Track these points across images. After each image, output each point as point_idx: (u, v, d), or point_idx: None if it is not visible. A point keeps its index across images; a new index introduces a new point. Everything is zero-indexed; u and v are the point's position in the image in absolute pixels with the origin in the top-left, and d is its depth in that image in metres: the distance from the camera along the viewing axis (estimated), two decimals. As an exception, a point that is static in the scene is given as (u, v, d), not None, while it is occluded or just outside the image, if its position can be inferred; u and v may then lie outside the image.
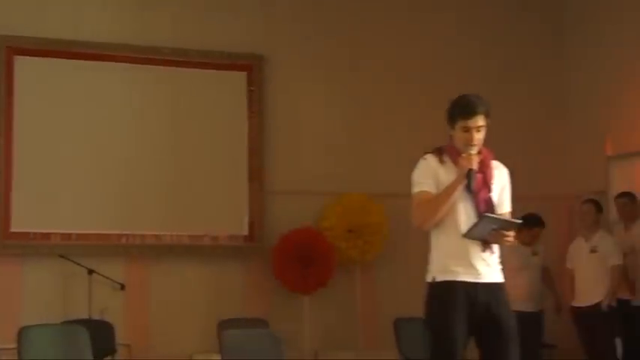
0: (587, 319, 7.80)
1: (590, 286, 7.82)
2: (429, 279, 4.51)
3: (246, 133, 8.57)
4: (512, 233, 4.44)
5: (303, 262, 8.30)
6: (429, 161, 4.52)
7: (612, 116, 8.85)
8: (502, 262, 7.95)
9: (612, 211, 8.24)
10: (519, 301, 8.01)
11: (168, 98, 8.38)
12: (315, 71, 8.82)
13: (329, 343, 8.44)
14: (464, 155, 4.44)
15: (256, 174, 8.54)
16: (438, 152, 4.54)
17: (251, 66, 8.62)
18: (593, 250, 7.89)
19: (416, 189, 4.52)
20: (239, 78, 8.62)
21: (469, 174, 4.40)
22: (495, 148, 8.59)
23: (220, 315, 7.85)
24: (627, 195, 8.14)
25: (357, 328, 8.65)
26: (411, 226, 4.57)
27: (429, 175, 4.48)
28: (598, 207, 8.03)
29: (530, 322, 8.06)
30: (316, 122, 8.78)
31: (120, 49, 8.20)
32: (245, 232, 8.50)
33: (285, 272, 8.31)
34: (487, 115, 4.49)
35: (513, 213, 4.63)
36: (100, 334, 7.03)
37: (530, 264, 8.19)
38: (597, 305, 7.72)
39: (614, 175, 8.78)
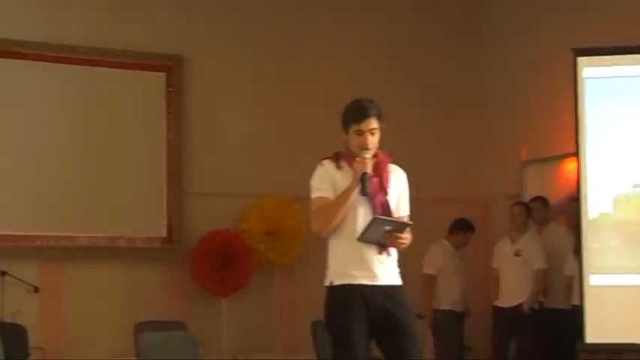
0: (509, 319, 7.97)
1: (513, 287, 8.00)
2: (326, 283, 4.56)
3: (164, 134, 8.50)
4: (406, 235, 4.46)
5: (221, 264, 8.26)
6: (326, 167, 4.56)
7: (528, 122, 9.03)
8: (441, 266, 8.24)
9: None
10: (455, 302, 8.30)
11: (85, 98, 8.25)
12: (235, 72, 8.79)
13: (247, 345, 8.42)
14: (358, 159, 4.46)
15: (175, 175, 8.48)
16: (335, 158, 4.57)
17: (170, 66, 8.55)
18: (517, 254, 8.05)
19: (314, 195, 4.55)
20: (158, 78, 8.54)
21: (363, 177, 4.42)
22: (413, 149, 8.72)
23: (137, 318, 7.77)
24: (540, 199, 8.34)
25: (275, 330, 8.65)
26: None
27: (326, 180, 4.52)
28: (528, 210, 8.21)
29: (461, 321, 8.35)
30: (235, 124, 8.75)
31: (35, 47, 8.04)
32: (163, 234, 8.43)
33: (204, 274, 8.26)
34: (380, 118, 4.52)
35: (433, 215, 4.69)
36: (13, 337, 6.90)
37: (460, 267, 8.43)
38: (519, 306, 7.88)
39: (528, 180, 8.98)
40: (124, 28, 8.38)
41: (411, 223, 4.51)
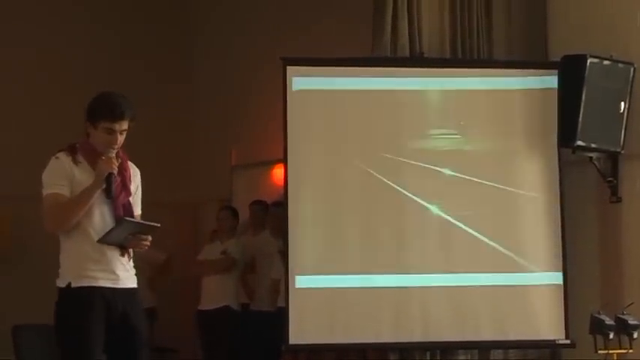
0: (213, 321, 8.05)
1: (219, 290, 8.08)
2: (61, 284, 4.32)
3: None
4: (150, 237, 4.36)
5: None
6: (63, 161, 4.29)
7: (237, 127, 9.20)
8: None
9: (242, 217, 8.54)
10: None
11: None
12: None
13: None
14: (104, 158, 4.25)
15: None
16: (72, 151, 4.32)
17: None
18: (223, 253, 8.17)
19: (48, 190, 4.28)
20: None
21: (109, 179, 4.24)
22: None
23: None
24: (261, 203, 8.52)
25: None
26: (39, 230, 4.39)
27: (63, 176, 4.26)
28: (234, 213, 8.39)
29: None
30: None
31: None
32: None
33: None
34: (133, 119, 4.33)
35: (145, 218, 4.61)
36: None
37: None
38: (224, 308, 8.01)
39: (238, 184, 9.15)
40: None
41: (158, 225, 4.36)
